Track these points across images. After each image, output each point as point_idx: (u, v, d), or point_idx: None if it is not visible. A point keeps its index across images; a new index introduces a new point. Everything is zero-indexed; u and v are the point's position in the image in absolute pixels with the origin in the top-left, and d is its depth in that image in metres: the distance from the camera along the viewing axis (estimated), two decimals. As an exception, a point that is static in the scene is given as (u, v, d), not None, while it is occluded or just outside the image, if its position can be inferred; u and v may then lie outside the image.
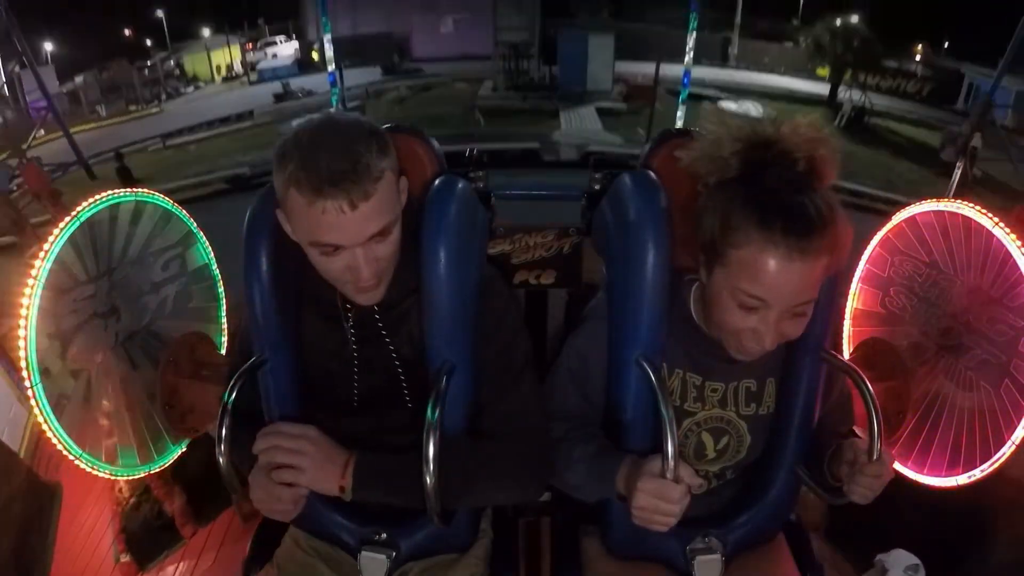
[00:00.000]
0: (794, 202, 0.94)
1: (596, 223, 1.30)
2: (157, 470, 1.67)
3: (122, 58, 27.19)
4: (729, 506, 1.25)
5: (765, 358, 1.08)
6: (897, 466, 1.57)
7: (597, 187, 1.40)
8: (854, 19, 20.58)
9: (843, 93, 18.75)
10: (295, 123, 1.02)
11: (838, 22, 20.23)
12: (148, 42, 35.51)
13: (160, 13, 35.34)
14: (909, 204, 1.59)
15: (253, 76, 27.53)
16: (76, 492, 1.96)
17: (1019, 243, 1.35)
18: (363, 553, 1.21)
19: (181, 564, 2.10)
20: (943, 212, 1.51)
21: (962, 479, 1.45)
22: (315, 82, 23.52)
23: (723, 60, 27.86)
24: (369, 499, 1.09)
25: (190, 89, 27.99)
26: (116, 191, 1.56)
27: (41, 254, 1.39)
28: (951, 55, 27.72)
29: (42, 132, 12.11)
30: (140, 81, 25.34)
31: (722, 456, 1.20)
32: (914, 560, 1.27)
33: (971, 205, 1.45)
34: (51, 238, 1.41)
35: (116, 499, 2.07)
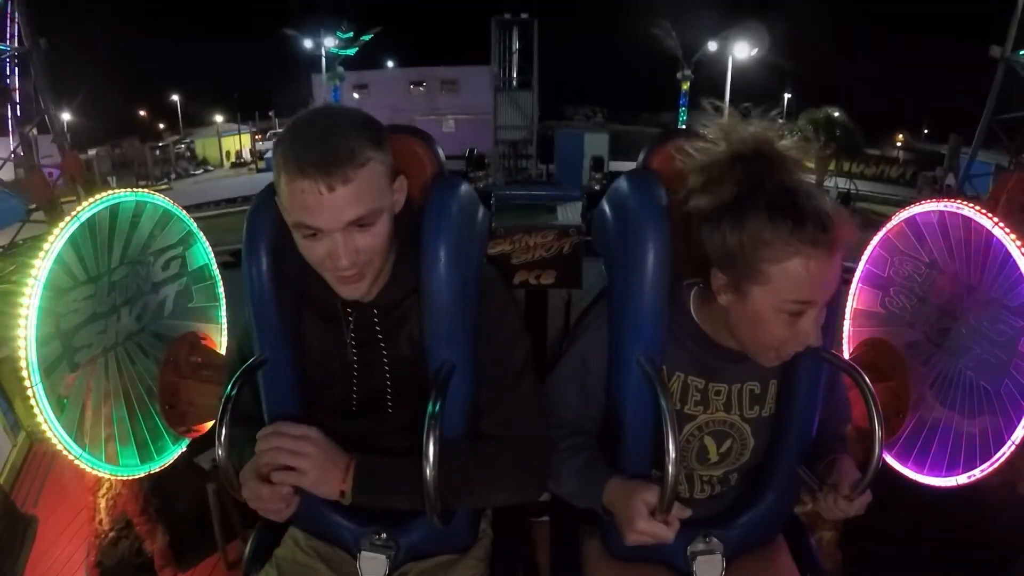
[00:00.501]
0: (810, 203, 0.96)
1: (596, 223, 1.30)
2: (157, 469, 1.67)
3: (134, 137, 27.97)
4: (730, 507, 1.25)
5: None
6: (897, 466, 1.58)
7: (597, 187, 1.40)
8: (836, 114, 21.08)
9: (829, 181, 19.23)
10: None
11: (821, 115, 20.75)
12: (161, 125, 37.92)
13: (176, 98, 37.65)
14: (910, 205, 1.59)
15: (261, 164, 28.31)
16: (53, 527, 1.89)
17: (1019, 243, 1.35)
18: (363, 553, 1.21)
19: (154, 609, 1.97)
20: (943, 212, 1.51)
21: (962, 479, 1.45)
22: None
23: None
24: (369, 503, 1.09)
25: (200, 171, 28.77)
26: (116, 191, 1.56)
27: (41, 254, 1.39)
28: (932, 139, 29.09)
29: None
30: (151, 159, 25.91)
31: (725, 460, 1.19)
32: None
33: (971, 205, 1.45)
34: (51, 238, 1.41)
35: (95, 531, 1.97)
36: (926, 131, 31.34)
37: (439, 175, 1.20)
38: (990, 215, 1.41)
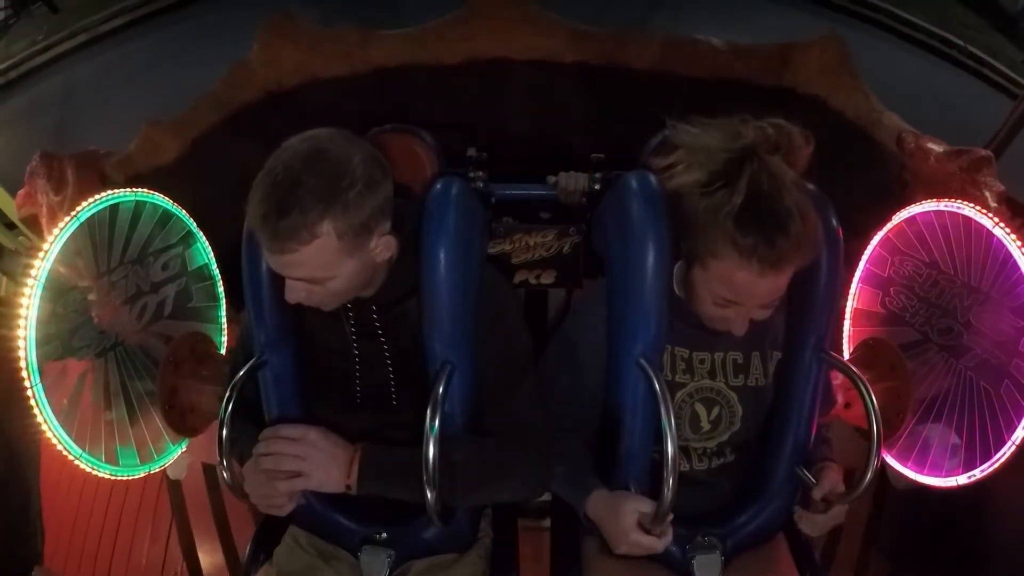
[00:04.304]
0: (772, 217, 0.97)
1: (596, 223, 1.30)
2: (157, 470, 1.67)
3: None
4: (729, 505, 1.25)
5: (748, 333, 1.10)
6: (897, 466, 1.57)
7: (597, 187, 1.40)
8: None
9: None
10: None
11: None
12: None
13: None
14: (910, 204, 1.59)
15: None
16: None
17: (1019, 243, 1.35)
18: (364, 552, 1.21)
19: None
20: (943, 212, 1.51)
21: (962, 479, 1.45)
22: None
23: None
24: (375, 493, 1.10)
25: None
26: (116, 191, 1.56)
27: (41, 254, 1.39)
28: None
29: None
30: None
31: (716, 428, 1.21)
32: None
33: (971, 205, 1.44)
34: (51, 238, 1.41)
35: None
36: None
37: (439, 174, 1.20)
38: (991, 215, 1.40)
